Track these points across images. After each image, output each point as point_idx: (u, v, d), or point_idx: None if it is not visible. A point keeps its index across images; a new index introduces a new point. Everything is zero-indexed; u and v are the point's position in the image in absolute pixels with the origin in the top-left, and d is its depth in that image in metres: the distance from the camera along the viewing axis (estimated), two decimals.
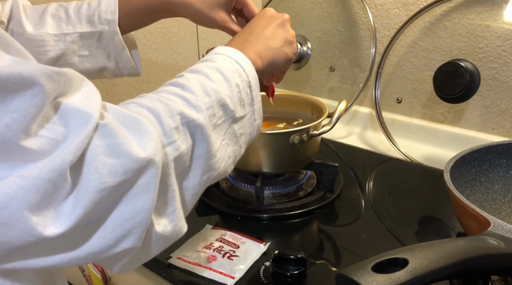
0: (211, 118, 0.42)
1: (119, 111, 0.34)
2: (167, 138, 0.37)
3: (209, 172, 0.42)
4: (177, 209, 0.38)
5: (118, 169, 0.31)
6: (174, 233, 0.39)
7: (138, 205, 0.33)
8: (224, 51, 0.48)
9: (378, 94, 0.98)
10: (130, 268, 0.39)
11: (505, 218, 0.63)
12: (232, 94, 0.44)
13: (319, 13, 1.09)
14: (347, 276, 0.35)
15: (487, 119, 0.89)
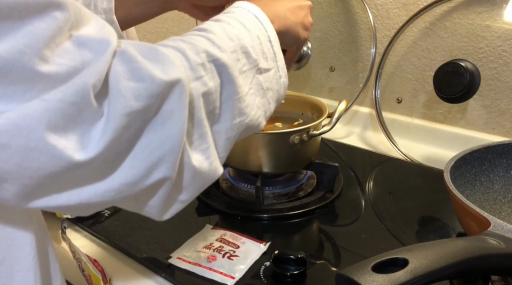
0: (236, 62, 0.41)
1: (138, 44, 0.34)
2: (194, 73, 0.36)
3: (241, 117, 0.41)
4: (210, 147, 0.38)
5: (143, 92, 0.30)
6: (211, 171, 0.38)
7: (165, 132, 0.32)
8: (243, 5, 0.47)
9: (378, 94, 0.98)
10: (173, 210, 0.38)
11: (505, 218, 0.63)
12: (253, 44, 0.43)
13: (319, 13, 1.08)
14: (347, 276, 0.35)
15: (487, 119, 0.89)
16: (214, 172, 0.39)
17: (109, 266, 0.61)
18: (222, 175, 0.82)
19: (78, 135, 0.29)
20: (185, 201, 0.39)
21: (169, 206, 0.38)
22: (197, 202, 0.75)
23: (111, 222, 0.69)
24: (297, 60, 1.06)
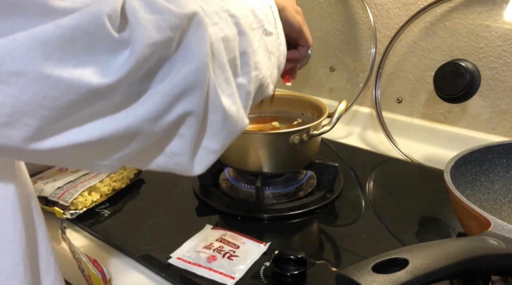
0: (246, 18, 0.41)
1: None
2: (210, 19, 0.36)
3: (256, 71, 0.41)
4: (235, 93, 0.38)
5: (162, 24, 0.30)
6: (239, 118, 0.38)
7: (187, 66, 0.32)
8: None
9: (378, 94, 0.97)
10: (205, 162, 0.37)
11: (506, 218, 0.63)
12: (258, 6, 0.44)
13: (319, 13, 1.08)
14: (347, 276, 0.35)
15: (488, 119, 0.89)
16: (241, 120, 0.39)
17: (109, 266, 0.61)
18: (222, 175, 0.82)
19: (96, 65, 0.28)
20: (215, 150, 0.38)
21: (199, 157, 0.37)
22: (197, 202, 0.75)
23: (111, 222, 0.69)
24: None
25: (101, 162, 0.34)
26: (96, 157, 0.33)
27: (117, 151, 0.33)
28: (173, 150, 0.36)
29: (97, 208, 0.73)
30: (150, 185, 0.81)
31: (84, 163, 0.34)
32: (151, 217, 0.70)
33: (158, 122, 0.32)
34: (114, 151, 0.33)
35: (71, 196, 0.69)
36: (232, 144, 0.73)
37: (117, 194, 0.77)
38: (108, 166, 0.34)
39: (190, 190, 0.78)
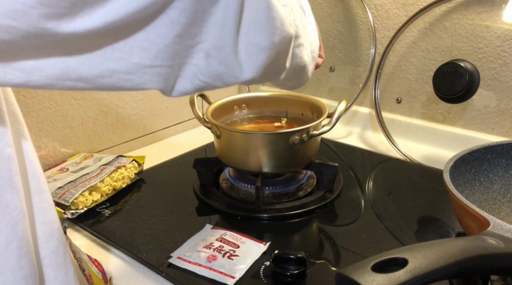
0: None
1: None
2: None
3: (311, 35, 0.43)
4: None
5: None
6: (285, 20, 0.35)
7: None
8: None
9: (378, 94, 0.98)
10: (254, 60, 0.34)
11: (505, 218, 0.63)
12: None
13: (319, 13, 1.09)
14: (347, 276, 0.35)
15: (487, 120, 0.89)
16: (290, 23, 0.36)
17: (109, 265, 0.61)
18: (223, 175, 0.82)
19: None
20: (264, 46, 0.34)
21: (248, 54, 0.33)
22: (197, 202, 0.75)
23: (112, 222, 0.69)
24: None
25: (144, 61, 0.30)
26: (138, 53, 0.30)
27: (156, 39, 0.30)
28: (215, 43, 0.32)
29: (98, 207, 0.73)
30: (150, 185, 0.81)
31: (128, 68, 0.30)
32: (151, 217, 0.71)
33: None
34: (152, 39, 0.30)
35: (72, 196, 0.69)
36: (232, 143, 0.73)
37: (118, 194, 0.77)
38: (152, 68, 0.31)
39: (190, 189, 0.78)
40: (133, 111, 0.97)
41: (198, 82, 0.34)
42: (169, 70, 0.32)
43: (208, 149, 0.94)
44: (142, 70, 0.31)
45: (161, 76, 0.32)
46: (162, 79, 0.32)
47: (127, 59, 0.30)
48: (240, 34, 0.33)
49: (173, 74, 0.33)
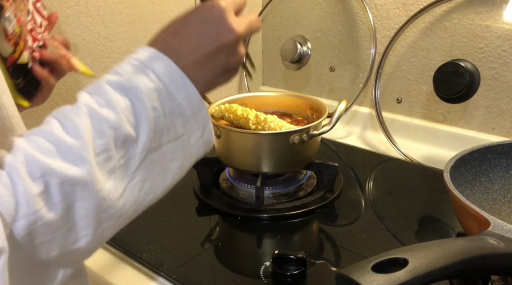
0: (105, 163, 0.35)
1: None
2: (24, 209, 0.31)
3: (107, 222, 0.36)
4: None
5: None
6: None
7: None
8: (146, 59, 0.39)
9: (378, 94, 0.98)
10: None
11: (505, 218, 0.63)
12: (143, 123, 0.37)
13: (319, 13, 1.09)
14: (347, 276, 0.35)
15: (487, 119, 0.89)
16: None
17: (109, 266, 0.61)
18: (223, 175, 0.82)
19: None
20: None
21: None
22: (197, 202, 0.75)
23: None
24: (297, 60, 1.06)
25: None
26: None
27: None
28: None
29: None
30: None
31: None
32: (151, 217, 0.71)
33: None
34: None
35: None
36: (232, 143, 0.73)
37: None
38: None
39: (190, 190, 0.78)
40: None
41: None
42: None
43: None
44: None
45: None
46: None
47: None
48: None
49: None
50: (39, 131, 0.34)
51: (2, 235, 0.29)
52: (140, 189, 0.38)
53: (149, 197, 0.40)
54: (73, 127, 0.34)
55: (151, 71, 0.38)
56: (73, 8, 0.82)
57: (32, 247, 0.32)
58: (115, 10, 0.89)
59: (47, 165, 0.32)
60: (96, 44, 0.87)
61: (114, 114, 0.36)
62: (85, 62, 0.86)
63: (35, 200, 0.31)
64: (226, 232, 0.70)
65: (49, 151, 0.33)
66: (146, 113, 0.37)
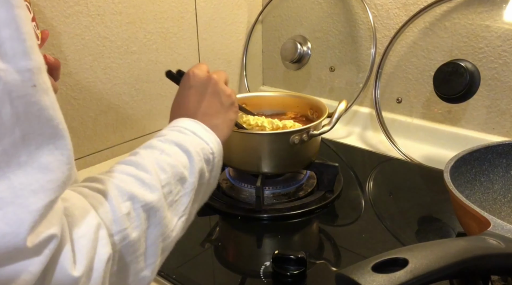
0: (167, 196, 0.40)
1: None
2: (117, 225, 0.35)
3: (163, 253, 0.41)
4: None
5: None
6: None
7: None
8: (178, 123, 0.49)
9: (378, 94, 0.98)
10: None
11: (505, 218, 0.63)
12: (192, 164, 0.44)
13: (319, 13, 1.09)
14: (347, 276, 0.35)
15: (487, 119, 0.89)
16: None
17: None
18: (222, 175, 0.82)
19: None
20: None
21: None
22: None
23: None
24: (297, 60, 1.06)
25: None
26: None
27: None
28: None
29: None
30: None
31: None
32: None
33: None
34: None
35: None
36: (232, 143, 0.73)
37: None
38: None
39: None
40: (132, 112, 0.97)
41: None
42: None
43: None
44: None
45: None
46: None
47: None
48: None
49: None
50: (114, 171, 0.39)
51: (109, 243, 0.33)
52: (185, 225, 0.44)
53: (182, 232, 0.45)
54: (141, 166, 0.40)
55: (186, 130, 0.47)
56: (73, 8, 0.82)
57: (121, 267, 0.36)
58: (115, 10, 0.89)
59: (130, 191, 0.37)
60: (96, 44, 0.87)
61: (169, 157, 0.43)
62: (85, 62, 0.87)
63: (124, 219, 0.35)
64: (226, 232, 0.70)
65: (129, 181, 0.38)
66: (192, 157, 0.44)
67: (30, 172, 0.26)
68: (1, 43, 0.24)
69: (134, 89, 0.97)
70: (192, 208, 0.45)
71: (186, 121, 0.49)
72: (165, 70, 0.60)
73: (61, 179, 0.28)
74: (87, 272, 0.30)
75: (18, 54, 0.25)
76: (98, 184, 0.37)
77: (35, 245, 0.26)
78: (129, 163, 0.41)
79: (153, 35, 0.97)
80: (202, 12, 1.06)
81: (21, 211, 0.25)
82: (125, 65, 0.93)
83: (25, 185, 0.26)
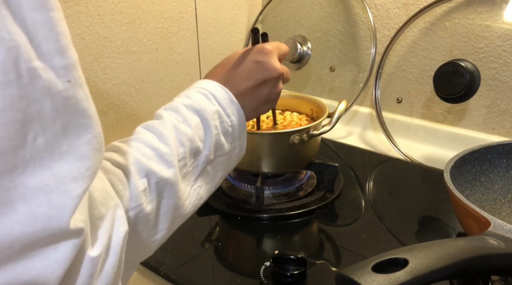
0: (182, 168, 0.43)
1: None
2: (133, 202, 0.37)
3: (176, 219, 0.44)
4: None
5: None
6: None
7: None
8: (204, 84, 0.49)
9: (378, 94, 0.98)
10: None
11: (505, 218, 0.63)
12: (208, 138, 0.46)
13: (319, 13, 1.08)
14: (347, 276, 0.35)
15: (487, 119, 0.89)
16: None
17: None
18: None
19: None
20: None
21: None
22: None
23: None
24: (297, 60, 1.06)
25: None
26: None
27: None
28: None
29: None
30: None
31: None
32: None
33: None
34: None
35: None
36: None
37: None
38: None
39: None
40: (133, 111, 0.97)
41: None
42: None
43: None
44: None
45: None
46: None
47: None
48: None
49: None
50: (137, 139, 0.42)
51: (125, 221, 0.34)
52: (198, 193, 0.46)
53: (201, 201, 0.48)
54: (163, 137, 0.42)
55: (213, 97, 0.48)
56: (73, 8, 0.82)
57: (133, 236, 0.38)
58: (115, 10, 0.89)
59: (149, 167, 0.39)
60: (96, 44, 0.87)
61: (190, 129, 0.44)
62: (85, 62, 0.87)
63: (141, 195, 0.38)
64: (226, 232, 0.70)
65: (149, 155, 0.40)
66: (210, 130, 0.46)
67: (70, 161, 0.28)
68: (38, 44, 0.26)
69: (134, 89, 0.97)
70: (206, 177, 0.47)
71: (217, 88, 0.49)
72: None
73: (96, 166, 0.29)
74: (105, 251, 0.32)
75: (54, 53, 0.26)
76: (120, 157, 0.39)
77: (76, 227, 0.28)
78: (153, 130, 0.43)
79: (153, 35, 0.97)
80: (202, 12, 1.06)
81: (64, 197, 0.27)
82: (125, 65, 0.93)
83: (67, 172, 0.27)
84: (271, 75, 0.52)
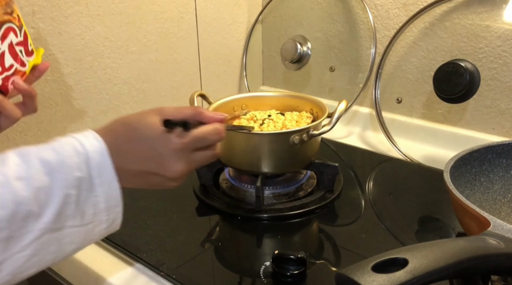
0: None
1: None
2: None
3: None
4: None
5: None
6: None
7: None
8: (90, 147, 0.43)
9: (378, 94, 0.98)
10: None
11: (505, 218, 0.63)
12: (53, 204, 0.40)
13: (319, 13, 1.09)
14: (347, 276, 0.35)
15: (487, 119, 0.89)
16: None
17: (109, 266, 0.61)
18: (222, 175, 0.82)
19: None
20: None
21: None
22: (197, 202, 0.75)
23: None
24: (297, 60, 1.06)
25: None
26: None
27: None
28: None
29: None
30: None
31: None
32: (151, 217, 0.71)
33: None
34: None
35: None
36: (232, 143, 0.73)
37: None
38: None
39: (190, 190, 0.78)
40: (133, 111, 0.97)
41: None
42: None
43: None
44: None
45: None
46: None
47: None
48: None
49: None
50: None
51: None
52: (25, 262, 0.40)
53: (32, 270, 0.42)
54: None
55: (85, 161, 0.42)
56: (73, 8, 0.82)
57: None
58: (115, 10, 0.89)
59: None
60: (96, 44, 0.87)
61: (26, 190, 0.38)
62: (85, 62, 0.87)
63: None
64: (226, 232, 0.70)
65: None
66: (58, 197, 0.40)
67: None
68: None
69: (134, 89, 0.97)
70: (46, 246, 0.41)
71: (97, 152, 0.43)
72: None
73: None
74: None
75: None
76: None
77: None
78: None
79: (153, 35, 0.97)
80: (202, 12, 1.06)
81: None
82: (125, 65, 0.93)
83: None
84: (163, 174, 0.46)
